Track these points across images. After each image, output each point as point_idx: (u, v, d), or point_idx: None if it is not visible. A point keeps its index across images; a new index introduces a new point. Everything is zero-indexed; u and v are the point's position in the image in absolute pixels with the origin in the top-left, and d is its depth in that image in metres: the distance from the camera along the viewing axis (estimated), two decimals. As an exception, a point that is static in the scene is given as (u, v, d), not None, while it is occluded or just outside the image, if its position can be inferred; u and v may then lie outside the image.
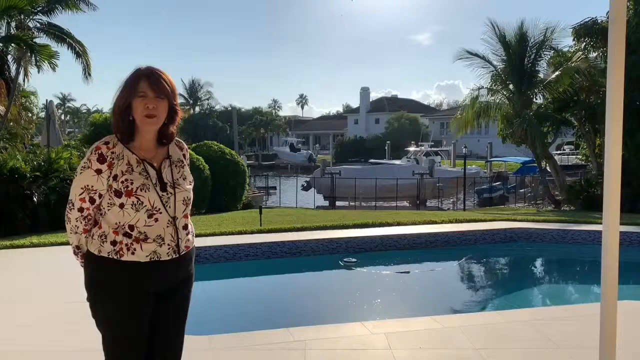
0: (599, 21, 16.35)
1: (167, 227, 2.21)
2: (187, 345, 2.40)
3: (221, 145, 16.22)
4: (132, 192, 2.14)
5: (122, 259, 2.14)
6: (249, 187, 18.34)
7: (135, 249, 2.15)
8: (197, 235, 8.64)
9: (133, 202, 2.14)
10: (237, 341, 4.17)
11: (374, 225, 9.62)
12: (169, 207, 2.22)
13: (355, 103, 77.34)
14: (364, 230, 9.25)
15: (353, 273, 7.74)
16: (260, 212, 10.09)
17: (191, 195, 2.34)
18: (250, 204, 17.02)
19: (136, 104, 2.15)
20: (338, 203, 24.72)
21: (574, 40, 17.26)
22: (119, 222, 2.15)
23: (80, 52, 17.79)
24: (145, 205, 2.15)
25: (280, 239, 8.34)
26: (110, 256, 2.15)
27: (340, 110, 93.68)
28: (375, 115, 66.76)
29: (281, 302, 6.70)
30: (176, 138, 2.37)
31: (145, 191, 2.16)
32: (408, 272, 7.92)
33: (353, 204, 23.42)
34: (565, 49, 18.25)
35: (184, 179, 2.32)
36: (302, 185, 27.13)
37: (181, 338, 2.38)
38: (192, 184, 2.38)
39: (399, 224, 9.83)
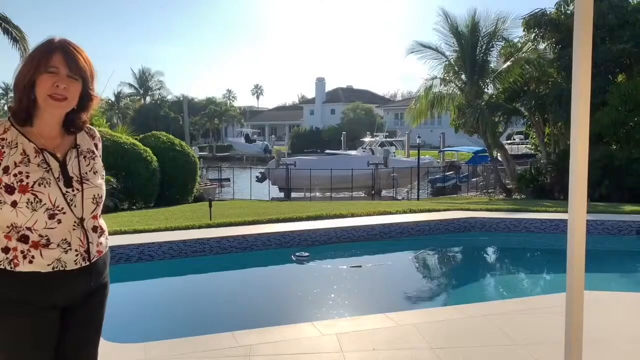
0: (547, 12, 16.61)
1: (74, 229, 1.84)
2: (120, 355, 2.06)
3: (170, 136, 15.67)
4: (28, 187, 1.77)
5: (17, 269, 1.77)
6: (200, 179, 17.80)
7: (33, 257, 1.78)
8: (141, 231, 8.17)
9: (29, 199, 1.76)
10: (175, 348, 3.81)
11: (327, 217, 9.37)
12: (75, 206, 1.85)
13: (310, 94, 76.91)
14: (317, 222, 8.99)
15: (305, 268, 7.46)
16: (210, 206, 9.66)
17: (103, 192, 1.97)
18: (202, 196, 16.49)
19: (43, 80, 1.78)
20: (293, 194, 24.39)
21: (524, 31, 17.48)
22: (13, 224, 1.78)
23: (17, 37, 16.74)
24: (45, 204, 1.78)
25: (229, 234, 7.98)
26: (2, 266, 1.77)
27: (296, 100, 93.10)
28: (330, 106, 66.64)
29: (227, 303, 6.32)
30: (87, 125, 2.00)
31: (45, 186, 1.79)
32: (360, 267, 7.71)
33: (309, 195, 23.16)
34: (516, 40, 18.48)
35: (94, 173, 1.95)
36: (257, 177, 26.60)
37: (94, 355, 2.02)
38: (104, 178, 2.02)
39: (352, 215, 9.62)
